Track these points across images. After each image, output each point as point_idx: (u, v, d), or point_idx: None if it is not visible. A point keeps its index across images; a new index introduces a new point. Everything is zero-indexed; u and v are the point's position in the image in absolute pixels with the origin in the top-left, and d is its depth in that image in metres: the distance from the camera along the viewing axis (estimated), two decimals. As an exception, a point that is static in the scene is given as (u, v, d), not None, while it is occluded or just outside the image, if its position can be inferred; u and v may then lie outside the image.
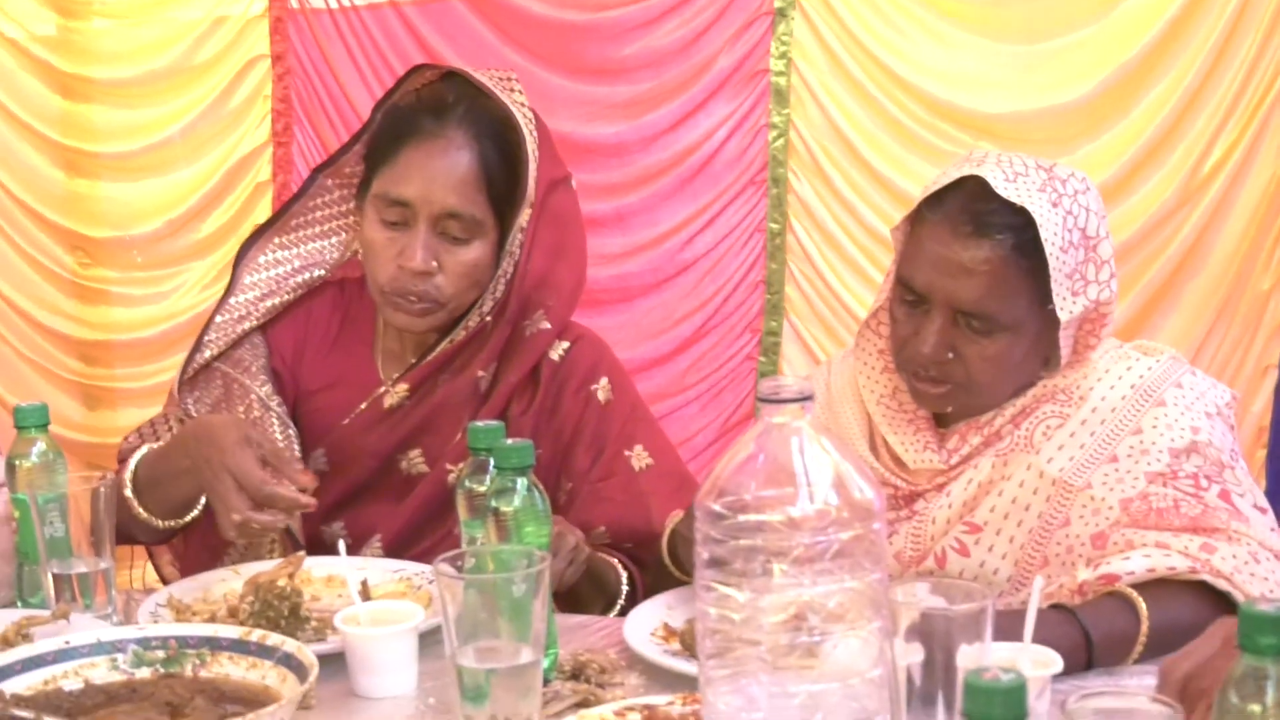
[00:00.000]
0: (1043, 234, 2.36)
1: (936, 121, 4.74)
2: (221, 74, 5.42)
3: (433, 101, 2.81)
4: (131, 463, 2.74)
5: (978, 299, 2.40)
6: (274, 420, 2.85)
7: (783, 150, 4.93)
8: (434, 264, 2.72)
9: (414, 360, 2.87)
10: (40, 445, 2.49)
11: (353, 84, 5.24)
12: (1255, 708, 1.41)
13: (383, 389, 2.86)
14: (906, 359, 2.51)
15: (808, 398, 1.58)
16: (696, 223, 5.03)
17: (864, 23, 4.78)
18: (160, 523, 2.72)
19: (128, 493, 2.70)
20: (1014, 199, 2.37)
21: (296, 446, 2.85)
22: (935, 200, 2.46)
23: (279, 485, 2.45)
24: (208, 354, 2.89)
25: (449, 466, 2.79)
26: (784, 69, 4.89)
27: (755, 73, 4.94)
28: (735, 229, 5.01)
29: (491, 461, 2.16)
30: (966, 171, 2.44)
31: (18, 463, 2.49)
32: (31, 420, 2.50)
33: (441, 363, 2.84)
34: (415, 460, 2.85)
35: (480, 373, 2.84)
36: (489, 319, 2.82)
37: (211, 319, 2.93)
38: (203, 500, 2.70)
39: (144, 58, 5.48)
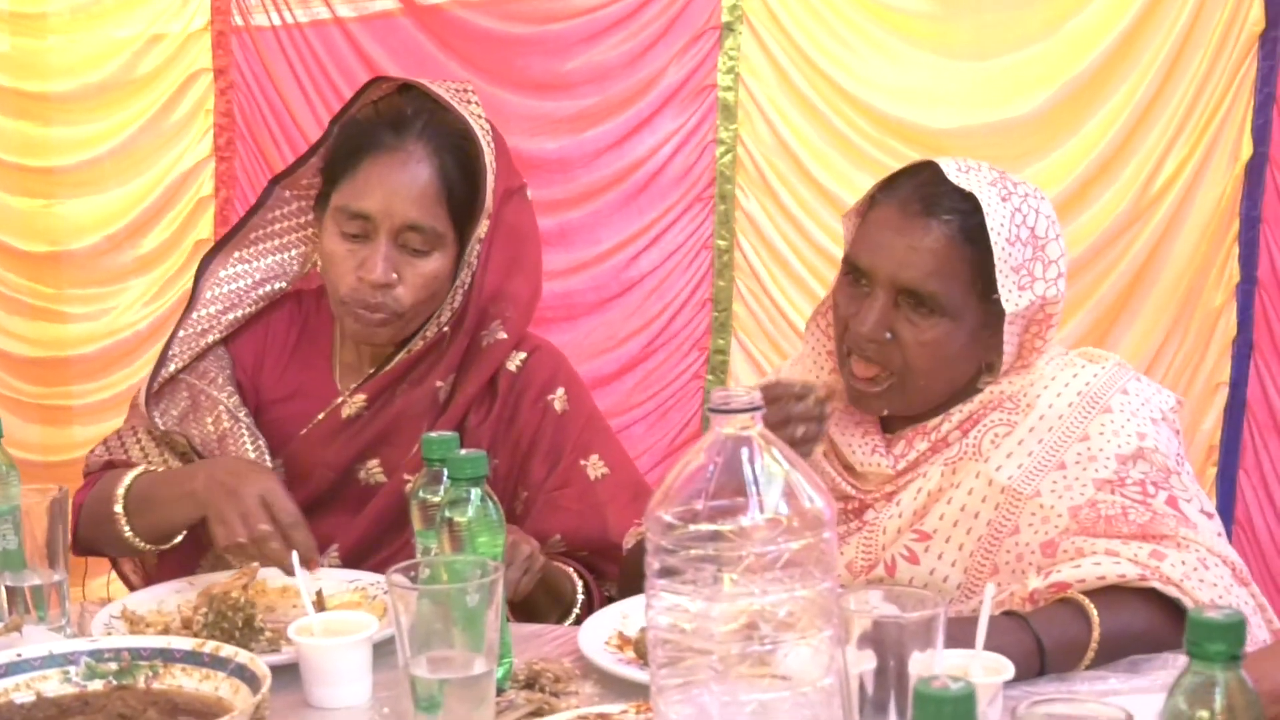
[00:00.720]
0: (989, 221, 2.39)
1: (885, 138, 4.71)
2: (163, 88, 5.37)
3: (391, 114, 2.81)
4: (127, 479, 2.73)
5: (920, 277, 2.42)
6: (244, 431, 2.85)
7: (730, 166, 4.90)
8: (394, 276, 2.73)
9: (372, 371, 2.87)
10: (-8, 458, 2.49)
11: (296, 99, 5.19)
12: (1203, 713, 1.41)
13: (340, 399, 2.86)
14: (848, 341, 2.52)
15: (758, 408, 1.59)
16: (642, 240, 4.98)
17: (812, 38, 4.75)
18: (143, 544, 2.70)
19: (117, 508, 2.69)
20: (964, 186, 2.41)
21: (267, 457, 2.84)
22: (888, 185, 2.52)
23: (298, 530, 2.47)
24: (173, 367, 2.88)
25: (407, 477, 2.80)
26: (731, 84, 4.87)
27: (703, 88, 4.91)
28: (682, 246, 4.96)
29: (445, 472, 2.16)
30: (921, 159, 2.50)
31: (-30, 476, 2.48)
32: (-16, 433, 2.49)
33: (399, 373, 2.85)
34: (374, 470, 2.85)
35: (439, 383, 2.84)
36: (447, 329, 2.83)
37: (175, 333, 2.92)
38: (182, 534, 2.71)
39: (83, 72, 5.42)
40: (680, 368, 5.06)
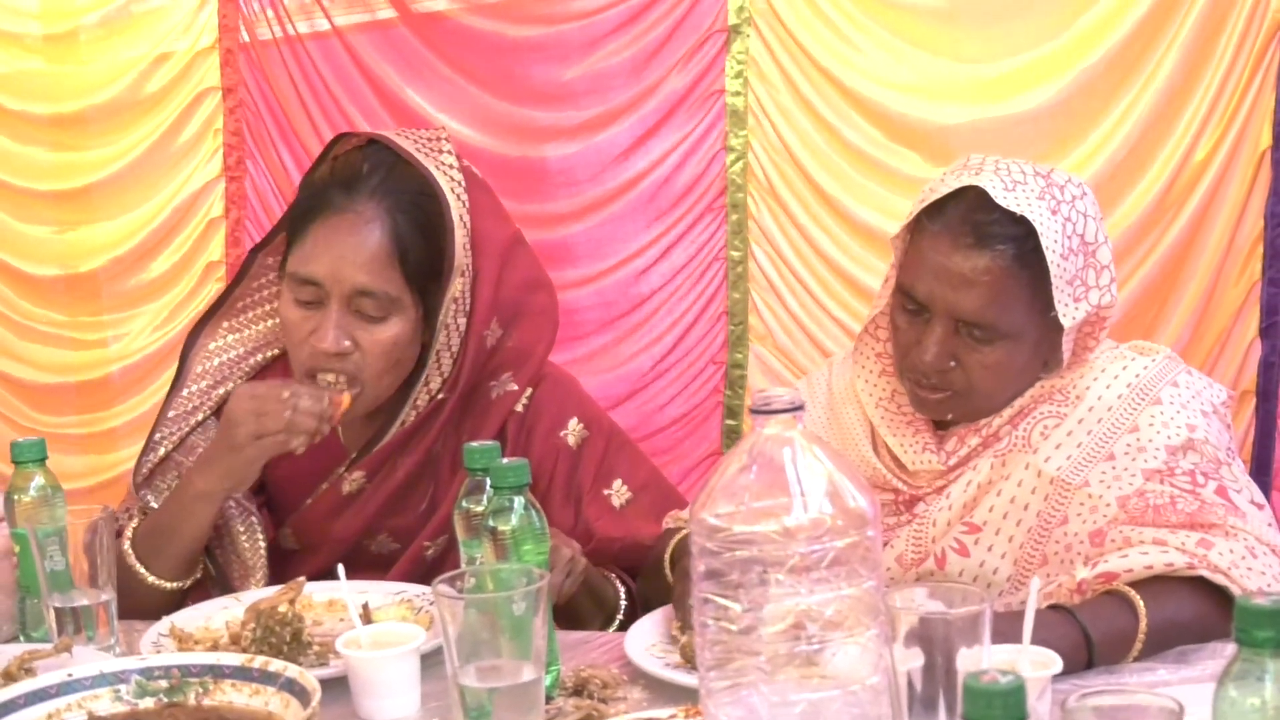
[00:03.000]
0: (1044, 242, 2.37)
1: (897, 146, 4.57)
2: (171, 108, 5.27)
3: (346, 173, 2.72)
4: (128, 531, 2.75)
5: (979, 309, 2.41)
6: (233, 510, 2.81)
7: (741, 174, 4.76)
8: (347, 343, 2.66)
9: (372, 427, 2.82)
10: (38, 480, 2.49)
11: (302, 115, 5.11)
12: (1254, 701, 1.41)
13: (340, 471, 2.82)
14: (909, 367, 2.52)
15: (799, 407, 1.58)
16: (651, 252, 4.76)
17: (822, 41, 4.63)
18: (169, 584, 2.72)
19: (132, 561, 2.70)
20: (1014, 208, 2.38)
21: (260, 535, 2.82)
22: (935, 210, 2.47)
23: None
24: (161, 451, 2.85)
25: (425, 543, 2.79)
26: (740, 89, 4.76)
27: (710, 93, 4.76)
28: (694, 259, 4.77)
29: (488, 481, 2.16)
30: (965, 181, 2.44)
31: (16, 497, 2.49)
32: (29, 455, 2.50)
33: (397, 445, 2.79)
34: (383, 541, 2.84)
35: (434, 445, 2.81)
36: (440, 396, 2.78)
37: (163, 413, 2.88)
38: (201, 566, 2.74)
39: (91, 94, 5.35)
40: (696, 384, 4.93)
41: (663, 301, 4.84)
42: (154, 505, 2.81)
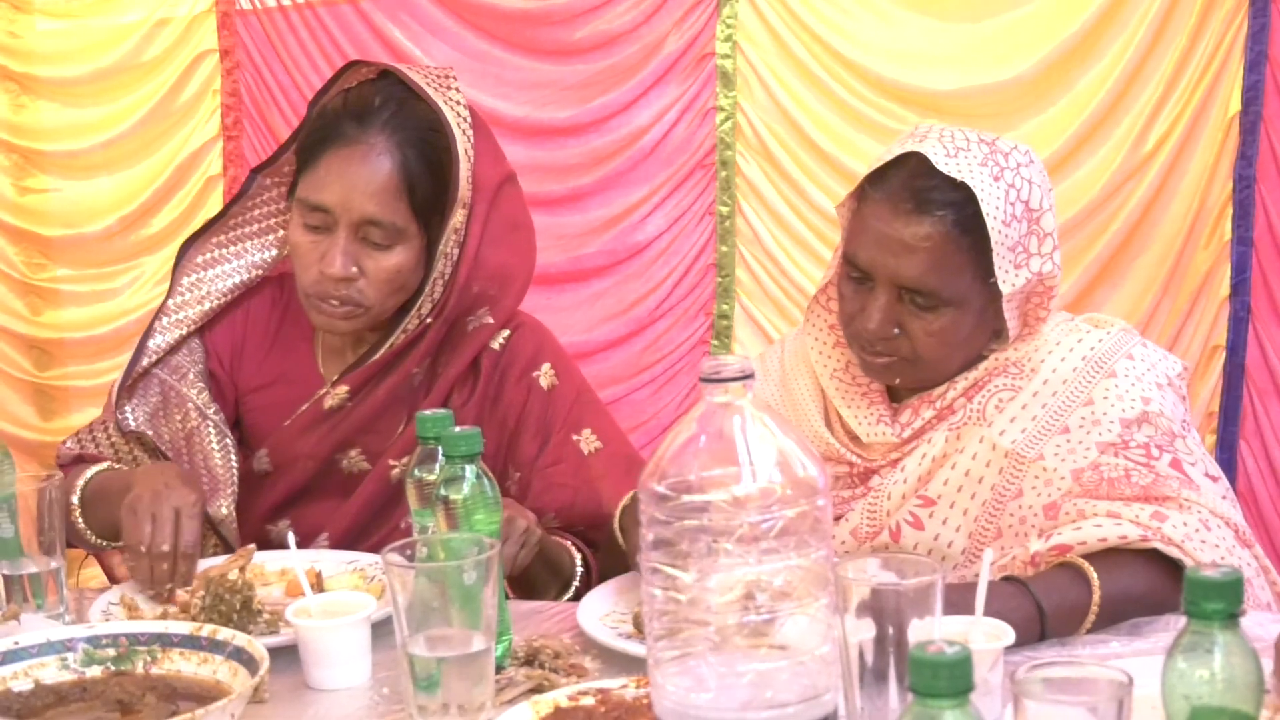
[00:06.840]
0: (984, 208, 2.37)
1: (882, 100, 4.72)
2: (170, 70, 5.48)
3: (359, 105, 2.77)
4: (88, 473, 2.76)
5: (920, 275, 2.41)
6: (210, 429, 2.85)
7: (730, 133, 4.92)
8: (354, 269, 2.71)
9: (354, 360, 2.87)
10: (-14, 447, 2.48)
11: (313, 77, 5.23)
12: (1203, 673, 1.41)
13: (324, 390, 2.85)
14: (854, 334, 2.52)
15: (748, 376, 1.57)
16: (645, 206, 5.04)
17: (807, 2, 4.77)
18: (94, 539, 2.74)
19: (74, 499, 2.72)
20: (954, 174, 2.38)
21: (233, 456, 2.85)
22: (878, 177, 2.47)
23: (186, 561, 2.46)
24: (145, 362, 2.88)
25: (391, 462, 2.80)
26: (729, 51, 4.89)
27: (703, 56, 4.94)
28: (686, 213, 5.02)
29: (440, 450, 2.16)
30: (909, 148, 2.44)
31: (-37, 465, 2.47)
32: (-23, 422, 2.49)
33: (383, 365, 2.83)
34: (355, 459, 2.84)
35: (414, 370, 2.83)
36: (428, 320, 2.81)
37: (151, 326, 2.91)
38: None
39: (92, 58, 5.51)
40: (687, 332, 5.11)
41: (660, 251, 5.02)
42: (131, 425, 2.85)
